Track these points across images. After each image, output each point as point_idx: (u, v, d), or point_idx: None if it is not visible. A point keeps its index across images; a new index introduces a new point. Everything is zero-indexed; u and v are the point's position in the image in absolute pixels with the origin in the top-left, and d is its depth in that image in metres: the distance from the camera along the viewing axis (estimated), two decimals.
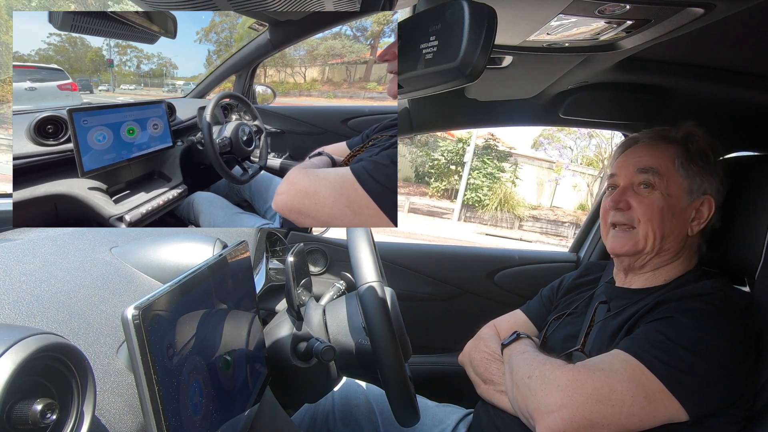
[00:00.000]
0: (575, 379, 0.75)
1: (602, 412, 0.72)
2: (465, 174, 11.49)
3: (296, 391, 0.94)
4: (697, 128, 0.93)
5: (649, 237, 0.89)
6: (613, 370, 0.75)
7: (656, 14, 0.66)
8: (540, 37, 0.77)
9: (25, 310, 0.50)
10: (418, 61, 0.50)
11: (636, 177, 0.91)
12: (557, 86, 1.14)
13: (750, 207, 0.92)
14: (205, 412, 0.52)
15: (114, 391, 0.51)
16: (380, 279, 0.84)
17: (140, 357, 0.42)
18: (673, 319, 0.78)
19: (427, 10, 0.50)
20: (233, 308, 0.65)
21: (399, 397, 0.75)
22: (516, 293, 1.42)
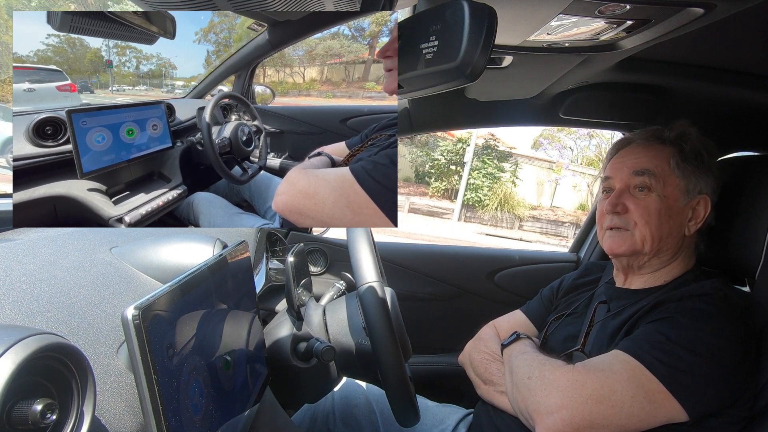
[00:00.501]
0: (575, 380, 0.75)
1: (602, 413, 0.72)
2: (465, 174, 11.48)
3: (296, 392, 0.94)
4: (690, 127, 0.92)
5: (646, 239, 0.88)
6: (613, 370, 0.75)
7: (656, 14, 0.66)
8: (540, 37, 0.77)
9: (25, 310, 0.50)
10: (418, 61, 0.50)
11: (632, 179, 0.90)
12: (557, 86, 1.14)
13: (750, 207, 0.92)
14: (205, 412, 0.52)
15: (114, 391, 0.51)
16: (380, 279, 0.84)
17: (140, 357, 0.42)
18: (672, 319, 0.78)
19: (427, 10, 0.50)
20: (233, 308, 0.65)
21: (399, 397, 0.75)
22: (516, 293, 1.42)
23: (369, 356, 0.88)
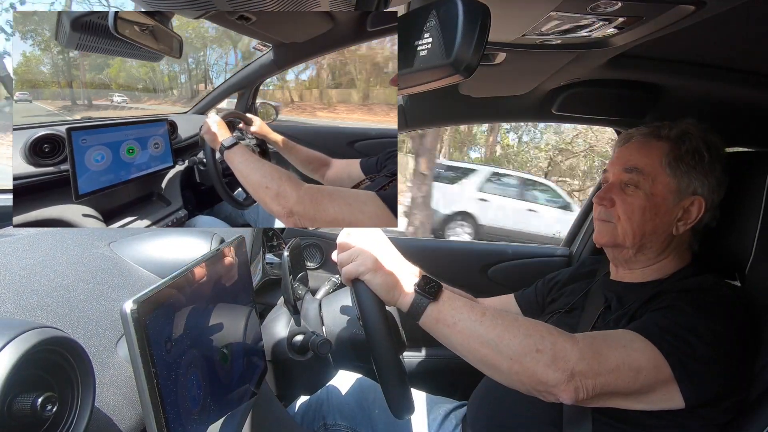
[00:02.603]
0: (594, 349, 0.72)
1: (614, 384, 0.71)
2: None
3: (293, 384, 0.95)
4: (693, 126, 0.91)
5: (627, 234, 0.89)
6: (622, 344, 0.73)
7: (647, 11, 0.67)
8: (533, 34, 0.77)
9: (25, 304, 0.50)
10: (413, 58, 0.51)
11: (623, 175, 0.91)
12: (550, 83, 1.15)
13: (740, 203, 0.94)
14: (203, 405, 0.53)
15: (113, 384, 0.52)
16: None
17: (139, 350, 0.42)
18: (677, 307, 0.77)
19: (421, 7, 0.51)
20: (231, 302, 0.65)
21: (393, 389, 0.76)
22: (509, 287, 1.43)
23: (364, 347, 0.89)
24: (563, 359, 0.69)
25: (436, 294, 0.74)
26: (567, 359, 0.69)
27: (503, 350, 0.71)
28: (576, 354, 0.69)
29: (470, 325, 0.72)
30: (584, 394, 0.69)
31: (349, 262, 0.77)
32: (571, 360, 0.69)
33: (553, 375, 0.68)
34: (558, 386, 0.69)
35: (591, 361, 0.70)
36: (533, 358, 0.69)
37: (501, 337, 0.71)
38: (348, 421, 1.08)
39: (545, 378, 0.69)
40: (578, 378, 0.69)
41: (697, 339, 0.73)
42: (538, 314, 1.09)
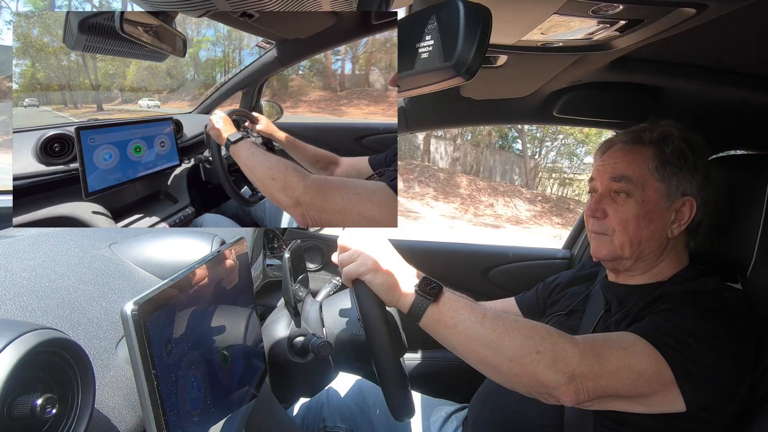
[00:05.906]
0: (595, 351, 0.72)
1: (615, 386, 0.70)
2: None
3: (293, 386, 0.94)
4: (672, 127, 0.91)
5: (625, 245, 0.88)
6: (623, 346, 0.73)
7: (649, 14, 0.67)
8: (534, 37, 0.77)
9: (26, 306, 0.50)
10: (414, 61, 0.51)
11: (611, 184, 0.90)
12: (551, 85, 1.15)
13: (741, 205, 0.93)
14: (203, 407, 0.53)
15: (113, 386, 0.52)
16: None
17: (139, 352, 0.42)
18: (678, 310, 0.77)
19: (422, 9, 0.50)
20: (231, 304, 0.65)
21: (394, 391, 0.75)
22: (510, 290, 1.43)
23: (364, 349, 0.89)
24: (564, 361, 0.69)
25: (437, 295, 0.74)
26: (567, 361, 0.69)
27: (503, 351, 0.70)
28: (577, 356, 0.69)
29: (471, 327, 0.72)
30: (585, 396, 0.69)
31: (349, 262, 0.76)
32: (572, 362, 0.69)
33: (553, 376, 0.68)
34: (558, 388, 0.68)
35: (592, 363, 0.69)
36: (534, 359, 0.69)
37: (501, 339, 0.71)
38: (348, 423, 1.07)
39: (546, 379, 0.68)
40: (579, 380, 0.68)
41: (699, 342, 0.72)
42: (538, 317, 1.09)
